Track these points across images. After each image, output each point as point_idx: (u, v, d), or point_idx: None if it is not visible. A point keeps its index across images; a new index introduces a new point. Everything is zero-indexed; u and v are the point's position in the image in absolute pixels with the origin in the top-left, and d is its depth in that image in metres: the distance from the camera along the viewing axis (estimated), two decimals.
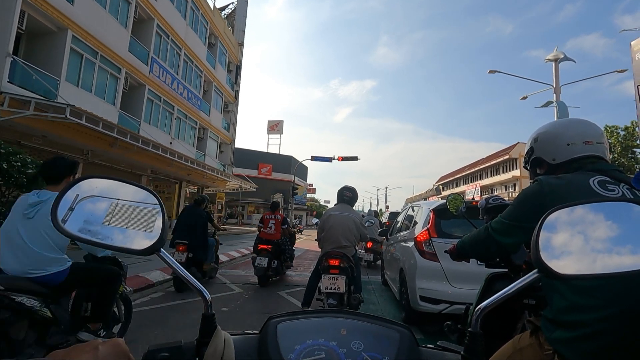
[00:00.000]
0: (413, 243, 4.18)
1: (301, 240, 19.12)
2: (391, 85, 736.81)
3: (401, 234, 5.26)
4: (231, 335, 0.64)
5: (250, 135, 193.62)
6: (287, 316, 0.70)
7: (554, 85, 14.07)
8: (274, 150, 48.06)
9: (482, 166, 44.72)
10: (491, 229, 1.24)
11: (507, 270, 1.93)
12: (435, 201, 5.33)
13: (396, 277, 4.83)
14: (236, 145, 25.82)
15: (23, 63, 8.98)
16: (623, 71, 14.88)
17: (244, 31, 25.03)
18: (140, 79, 13.74)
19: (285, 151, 72.16)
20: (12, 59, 8.65)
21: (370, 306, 5.05)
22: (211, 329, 0.61)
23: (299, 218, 41.19)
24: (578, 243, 0.59)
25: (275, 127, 49.32)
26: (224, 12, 24.34)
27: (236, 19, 24.92)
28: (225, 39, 21.75)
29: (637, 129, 23.23)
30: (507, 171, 39.51)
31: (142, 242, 0.60)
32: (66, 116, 7.98)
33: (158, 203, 0.64)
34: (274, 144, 67.48)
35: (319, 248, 4.35)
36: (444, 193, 50.84)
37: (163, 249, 0.61)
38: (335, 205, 4.51)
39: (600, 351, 0.88)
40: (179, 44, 16.55)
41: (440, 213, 4.15)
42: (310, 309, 1.59)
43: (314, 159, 25.13)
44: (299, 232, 23.28)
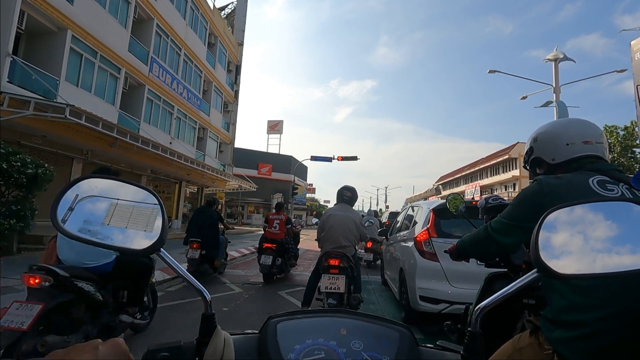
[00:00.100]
0: (413, 243, 4.18)
1: (300, 239, 19.06)
2: (391, 85, 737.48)
3: (401, 233, 5.26)
4: (231, 335, 0.64)
5: (250, 135, 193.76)
6: (287, 316, 0.70)
7: (554, 85, 14.07)
8: (273, 150, 48.08)
9: (482, 166, 44.72)
10: (491, 229, 1.24)
11: (507, 270, 1.94)
12: (435, 201, 5.33)
13: (396, 277, 4.83)
14: (236, 145, 25.81)
15: (23, 63, 8.98)
16: (623, 71, 14.90)
17: (244, 31, 25.02)
18: (140, 78, 13.74)
19: (285, 151, 72.29)
20: (12, 59, 8.65)
21: (370, 306, 5.05)
22: (211, 328, 0.61)
23: (298, 218, 41.16)
24: (577, 243, 0.59)
25: (275, 127, 49.31)
26: (223, 12, 24.32)
27: (236, 19, 24.90)
28: (225, 39, 21.74)
29: (637, 129, 23.23)
30: (507, 171, 39.51)
31: (142, 242, 0.60)
32: (66, 116, 7.98)
33: (158, 203, 0.64)
34: (274, 144, 67.49)
35: (319, 248, 4.35)
36: (444, 193, 50.84)
37: (163, 249, 0.61)
38: (335, 205, 4.51)
39: (600, 351, 0.88)
40: (179, 43, 16.54)
41: (440, 213, 4.16)
42: (310, 308, 1.59)
43: (314, 158, 25.11)
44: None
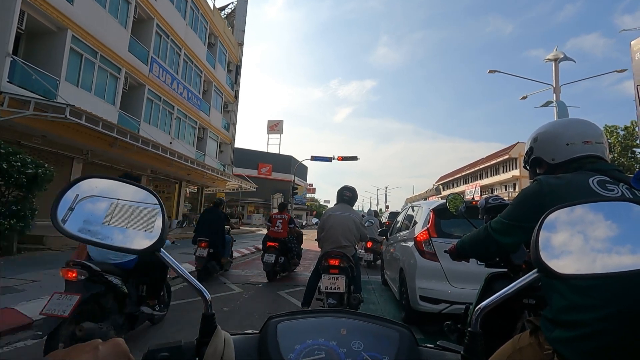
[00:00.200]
0: (413, 243, 4.18)
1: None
2: (391, 85, 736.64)
3: (401, 233, 5.26)
4: (231, 335, 0.64)
5: (250, 135, 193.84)
6: (287, 316, 0.70)
7: (554, 85, 14.07)
8: (273, 150, 48.12)
9: (482, 166, 44.71)
10: (491, 229, 1.24)
11: (507, 270, 1.94)
12: (435, 201, 5.33)
13: (396, 277, 4.83)
14: (236, 145, 25.80)
15: (23, 63, 8.98)
16: (623, 71, 14.91)
17: (244, 31, 25.02)
18: (140, 78, 13.73)
19: (285, 151, 72.29)
20: (12, 59, 8.64)
21: (370, 306, 5.05)
22: (211, 328, 0.61)
23: (298, 218, 41.16)
24: (577, 243, 0.58)
25: (275, 127, 49.32)
26: (223, 12, 24.32)
27: (236, 19, 24.90)
28: (225, 39, 21.74)
29: (637, 129, 23.23)
30: (507, 171, 39.51)
31: (142, 242, 0.60)
32: (66, 116, 7.98)
33: (158, 203, 0.64)
34: (274, 144, 67.41)
35: (319, 248, 4.35)
36: (444, 193, 50.82)
37: (163, 249, 0.61)
38: (335, 205, 4.51)
39: (600, 351, 0.88)
40: (179, 43, 16.54)
41: (440, 213, 4.15)
42: (310, 308, 1.59)
43: (314, 158, 25.09)
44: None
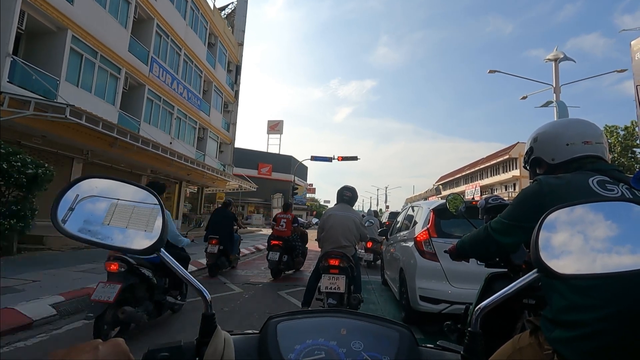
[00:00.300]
0: (413, 243, 4.18)
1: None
2: (391, 85, 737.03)
3: (401, 233, 5.26)
4: (231, 335, 0.64)
5: (250, 135, 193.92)
6: (287, 316, 0.70)
7: (554, 85, 14.07)
8: (273, 150, 48.15)
9: (482, 166, 44.71)
10: (491, 229, 1.23)
11: (507, 270, 1.93)
12: (435, 201, 5.33)
13: (396, 277, 4.83)
14: (236, 145, 25.79)
15: (23, 63, 8.98)
16: (623, 71, 14.90)
17: (244, 31, 25.01)
18: (140, 79, 13.73)
19: (285, 151, 72.29)
20: (12, 59, 8.64)
21: (370, 306, 5.05)
22: (211, 328, 0.61)
23: (299, 217, 41.14)
24: (577, 243, 0.58)
25: (275, 127, 49.34)
26: (223, 12, 24.32)
27: (236, 19, 24.90)
28: (225, 39, 21.73)
29: (637, 129, 23.23)
30: (507, 171, 39.51)
31: (142, 242, 0.60)
32: (66, 116, 7.97)
33: (158, 203, 0.64)
34: (274, 144, 67.46)
35: (319, 248, 4.35)
36: (444, 193, 50.82)
37: (164, 249, 0.61)
38: (335, 205, 4.51)
39: (600, 351, 0.88)
40: (179, 44, 16.54)
41: (440, 213, 4.15)
42: (310, 308, 1.59)
43: (314, 158, 25.10)
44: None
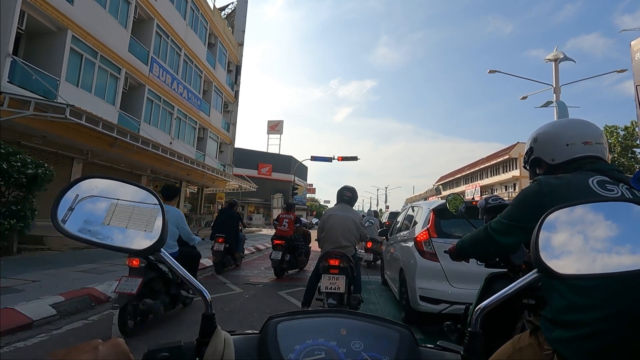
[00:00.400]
0: (413, 243, 4.18)
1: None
2: (391, 85, 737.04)
3: (401, 234, 5.25)
4: (231, 335, 0.64)
5: (250, 135, 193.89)
6: (287, 316, 0.70)
7: (554, 85, 14.07)
8: (273, 150, 48.13)
9: (482, 166, 44.70)
10: (491, 229, 1.23)
11: (507, 270, 1.93)
12: (435, 201, 5.33)
13: (396, 277, 4.83)
14: (236, 145, 25.79)
15: (23, 63, 8.98)
16: (623, 71, 14.90)
17: (244, 31, 25.00)
18: (140, 79, 13.73)
19: (285, 151, 72.25)
20: (12, 59, 8.64)
21: (370, 306, 5.05)
22: (211, 329, 0.61)
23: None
24: (577, 243, 0.58)
25: (275, 127, 49.33)
26: (223, 12, 24.32)
27: (236, 19, 24.90)
28: (225, 39, 21.73)
29: (637, 129, 23.24)
30: (507, 171, 39.51)
31: (142, 242, 0.60)
32: (66, 116, 7.97)
33: (158, 203, 0.64)
34: (274, 144, 67.47)
35: (319, 248, 4.35)
36: (444, 193, 50.83)
37: (164, 249, 0.61)
38: (335, 205, 4.51)
39: (600, 351, 0.88)
40: (179, 44, 16.53)
41: (440, 213, 4.15)
42: (310, 309, 1.59)
43: (314, 159, 25.09)
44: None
